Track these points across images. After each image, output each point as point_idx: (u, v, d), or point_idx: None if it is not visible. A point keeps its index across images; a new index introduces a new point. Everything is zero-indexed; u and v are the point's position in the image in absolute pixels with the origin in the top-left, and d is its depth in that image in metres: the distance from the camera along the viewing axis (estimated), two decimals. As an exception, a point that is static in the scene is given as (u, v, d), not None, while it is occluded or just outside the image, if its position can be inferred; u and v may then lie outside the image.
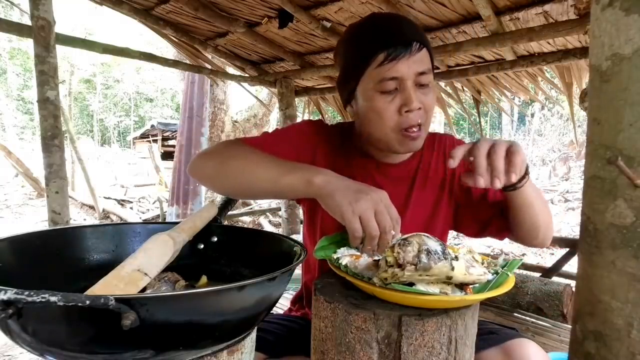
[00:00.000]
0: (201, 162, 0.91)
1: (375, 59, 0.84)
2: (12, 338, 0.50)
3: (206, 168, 0.90)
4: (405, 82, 0.84)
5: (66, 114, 9.64)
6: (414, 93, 0.85)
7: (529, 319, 1.91)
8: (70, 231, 0.80)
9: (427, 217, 1.00)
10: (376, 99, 0.86)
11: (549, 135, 16.21)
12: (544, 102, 8.83)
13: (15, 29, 1.90)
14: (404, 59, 0.83)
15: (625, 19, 0.44)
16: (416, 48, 0.84)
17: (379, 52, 0.84)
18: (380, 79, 0.84)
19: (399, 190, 0.98)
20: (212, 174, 0.89)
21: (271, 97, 6.61)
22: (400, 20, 0.88)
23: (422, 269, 0.57)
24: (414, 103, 0.84)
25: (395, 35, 0.84)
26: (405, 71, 0.84)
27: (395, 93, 0.85)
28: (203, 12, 2.22)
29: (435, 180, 1.01)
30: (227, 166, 0.86)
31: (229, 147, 0.91)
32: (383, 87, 0.85)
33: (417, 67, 0.84)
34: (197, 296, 0.52)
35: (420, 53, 0.85)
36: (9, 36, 13.87)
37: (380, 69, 0.84)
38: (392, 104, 0.85)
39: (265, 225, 6.60)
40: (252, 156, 0.86)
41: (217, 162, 0.88)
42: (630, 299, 0.46)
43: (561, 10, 1.71)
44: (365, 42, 0.87)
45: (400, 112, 0.86)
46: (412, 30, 0.86)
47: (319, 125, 1.03)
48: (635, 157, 0.44)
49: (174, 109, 26.42)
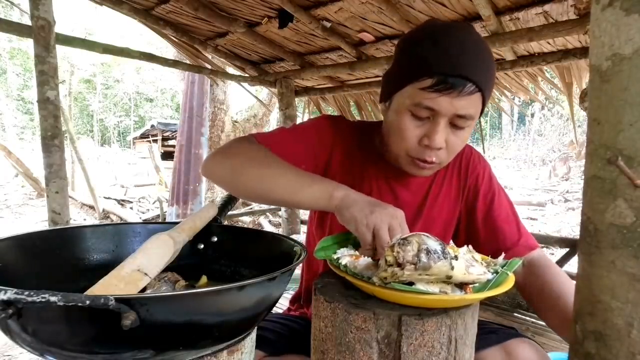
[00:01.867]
0: (216, 164, 0.87)
1: (420, 81, 0.76)
2: (12, 338, 0.50)
3: (222, 171, 0.86)
4: (438, 117, 0.78)
5: (66, 114, 9.64)
6: (442, 131, 0.79)
7: (529, 319, 1.91)
8: (70, 231, 0.80)
9: (440, 229, 0.99)
10: (405, 117, 0.81)
11: (549, 135, 16.22)
12: (544, 102, 8.83)
13: (15, 29, 1.90)
14: (449, 96, 0.75)
15: (625, 19, 0.44)
16: (469, 90, 0.75)
17: (426, 76, 0.75)
18: (417, 102, 0.78)
19: (413, 199, 0.97)
20: (229, 178, 0.85)
21: (271, 97, 6.61)
22: (468, 48, 0.76)
23: (422, 268, 0.56)
24: (437, 142, 0.79)
25: (452, 66, 0.74)
26: (445, 108, 0.76)
27: (425, 121, 0.80)
28: (203, 12, 2.22)
29: (449, 192, 0.99)
30: (245, 172, 0.82)
31: (245, 149, 0.86)
32: (416, 111, 0.79)
33: (460, 109, 0.76)
34: (197, 296, 0.52)
35: (471, 96, 0.76)
36: (9, 36, 13.87)
37: (420, 93, 0.77)
38: (417, 129, 0.81)
39: (265, 225, 6.59)
40: (271, 163, 0.82)
41: (234, 165, 0.84)
42: (630, 299, 0.46)
43: (561, 10, 1.70)
44: (420, 56, 0.78)
45: (420, 142, 0.81)
46: (475, 67, 0.75)
47: (338, 121, 0.99)
48: (635, 157, 0.44)
49: (174, 109, 26.43)
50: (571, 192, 9.72)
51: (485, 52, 0.79)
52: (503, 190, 1.01)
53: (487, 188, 0.99)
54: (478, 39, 0.79)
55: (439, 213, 0.99)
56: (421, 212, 0.97)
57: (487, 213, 0.97)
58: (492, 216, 0.96)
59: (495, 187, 1.00)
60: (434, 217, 0.98)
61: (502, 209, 0.97)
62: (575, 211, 8.19)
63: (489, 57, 0.79)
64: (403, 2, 1.87)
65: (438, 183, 0.99)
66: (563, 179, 11.65)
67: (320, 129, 0.96)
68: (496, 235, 0.94)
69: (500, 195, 0.99)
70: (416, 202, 0.98)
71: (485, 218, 0.97)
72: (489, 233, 0.95)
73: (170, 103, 27.44)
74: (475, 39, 0.79)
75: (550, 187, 10.88)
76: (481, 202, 0.98)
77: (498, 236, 0.94)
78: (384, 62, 2.34)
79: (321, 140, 0.95)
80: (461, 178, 1.00)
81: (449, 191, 0.99)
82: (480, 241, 0.96)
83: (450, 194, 0.99)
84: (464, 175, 1.00)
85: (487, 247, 0.94)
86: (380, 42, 2.31)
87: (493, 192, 0.99)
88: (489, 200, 0.98)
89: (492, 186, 1.00)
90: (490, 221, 0.96)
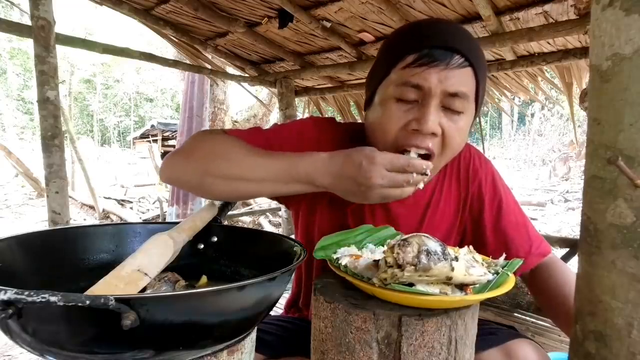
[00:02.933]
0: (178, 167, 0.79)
1: (403, 59, 0.71)
2: (12, 338, 0.50)
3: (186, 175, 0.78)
4: (428, 98, 0.70)
5: (66, 114, 9.64)
6: (433, 113, 0.70)
7: (529, 319, 1.91)
8: (70, 231, 0.80)
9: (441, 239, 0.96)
10: (390, 105, 0.73)
11: (549, 135, 16.22)
12: (544, 102, 8.82)
13: (15, 29, 1.90)
14: (436, 68, 0.69)
15: (625, 19, 0.44)
16: (458, 62, 0.69)
17: (410, 53, 0.70)
18: (402, 82, 0.71)
19: (412, 213, 0.91)
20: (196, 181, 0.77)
21: (271, 97, 6.61)
22: (449, 26, 0.73)
23: (422, 269, 0.56)
24: (428, 124, 0.70)
25: (434, 37, 0.70)
26: (434, 83, 0.69)
27: (413, 105, 0.72)
28: (203, 12, 2.22)
29: (449, 202, 0.93)
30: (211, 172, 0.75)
31: (206, 144, 0.78)
32: (402, 94, 0.71)
33: (451, 84, 0.69)
34: (197, 296, 0.52)
35: (461, 70, 0.70)
36: (9, 36, 13.86)
37: (405, 72, 0.71)
38: (403, 115, 0.72)
39: (265, 225, 6.60)
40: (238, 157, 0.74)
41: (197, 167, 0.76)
42: (631, 299, 0.46)
43: (561, 10, 1.70)
44: (399, 40, 0.74)
45: (406, 128, 0.72)
46: (459, 40, 0.70)
47: (326, 125, 0.91)
48: (635, 157, 0.44)
49: (174, 109, 26.44)
50: (571, 192, 9.72)
51: (471, 36, 0.76)
52: (509, 191, 0.96)
53: (492, 195, 0.93)
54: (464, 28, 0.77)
55: (438, 225, 0.93)
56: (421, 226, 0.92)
57: (496, 223, 0.91)
58: (501, 226, 0.90)
59: (500, 191, 0.94)
60: (434, 230, 0.92)
61: (510, 215, 0.91)
62: (575, 211, 8.19)
63: (476, 41, 0.76)
64: (403, 2, 1.87)
65: (436, 195, 0.92)
66: (563, 179, 11.66)
67: (303, 130, 0.89)
68: (507, 245, 0.89)
69: (507, 200, 0.93)
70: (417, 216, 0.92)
71: (494, 228, 0.91)
72: (500, 244, 0.90)
73: (170, 103, 27.46)
74: (460, 26, 0.76)
75: (550, 187, 10.89)
76: (488, 211, 0.92)
77: (509, 246, 0.89)
78: (384, 62, 2.34)
79: (302, 142, 0.86)
80: (461, 184, 0.93)
81: (448, 200, 0.93)
82: (490, 251, 0.90)
83: (450, 204, 0.93)
84: (464, 182, 0.93)
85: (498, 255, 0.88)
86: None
87: (499, 199, 0.93)
88: (496, 209, 0.92)
89: (498, 191, 0.93)
90: (499, 232, 0.90)
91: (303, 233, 0.98)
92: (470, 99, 0.74)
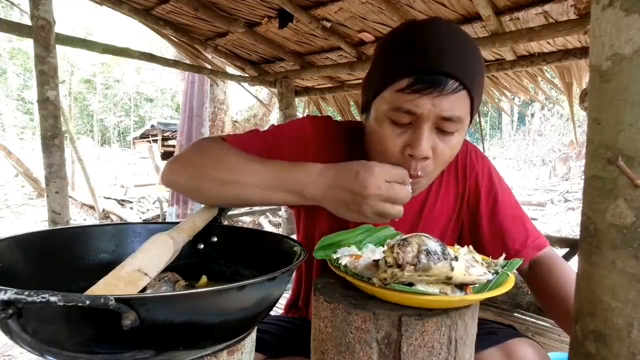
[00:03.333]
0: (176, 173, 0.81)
1: (396, 83, 0.69)
2: (12, 338, 0.50)
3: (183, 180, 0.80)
4: (421, 122, 0.70)
5: (66, 114, 9.64)
6: (426, 138, 0.70)
7: (529, 319, 1.91)
8: (70, 231, 0.80)
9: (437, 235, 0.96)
10: (384, 126, 0.73)
11: (549, 135, 16.23)
12: (544, 102, 8.82)
13: (15, 29, 1.90)
14: (429, 96, 0.67)
15: (625, 18, 0.44)
16: (452, 88, 0.67)
17: (402, 76, 0.68)
18: (395, 107, 0.70)
19: (411, 208, 0.90)
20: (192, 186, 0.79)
21: (271, 97, 6.61)
22: (447, 43, 0.68)
23: (422, 269, 0.56)
24: (421, 150, 0.70)
25: (429, 62, 0.67)
26: (427, 110, 0.68)
27: (407, 128, 0.72)
28: (203, 12, 2.22)
29: (447, 196, 0.94)
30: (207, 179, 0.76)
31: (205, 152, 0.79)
32: (395, 117, 0.71)
33: (444, 110, 0.68)
34: (197, 296, 0.52)
35: (455, 95, 0.68)
36: (9, 36, 13.86)
37: (398, 96, 0.70)
38: (398, 138, 0.73)
39: (265, 225, 6.60)
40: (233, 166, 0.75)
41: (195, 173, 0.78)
42: (631, 299, 0.46)
43: (561, 10, 1.71)
44: (394, 55, 0.72)
45: (402, 152, 0.73)
46: (456, 62, 0.68)
47: (321, 123, 0.91)
48: (635, 157, 0.44)
49: (174, 109, 26.45)
50: (571, 192, 9.73)
51: (468, 46, 0.72)
52: (506, 186, 0.97)
53: (489, 188, 0.94)
54: (460, 33, 0.73)
55: (436, 220, 0.94)
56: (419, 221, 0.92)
57: (492, 215, 0.92)
58: (497, 218, 0.92)
59: (496, 185, 0.95)
60: (432, 226, 0.93)
61: (507, 208, 0.92)
62: (575, 211, 8.20)
63: (472, 52, 0.72)
64: (403, 2, 1.87)
65: (434, 191, 0.93)
66: (563, 179, 11.66)
67: (300, 130, 0.89)
68: (503, 238, 0.90)
69: (503, 193, 0.94)
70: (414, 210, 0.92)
71: (490, 221, 0.92)
72: (495, 236, 0.91)
73: (170, 103, 27.47)
74: (456, 34, 0.72)
75: (550, 187, 10.89)
76: (484, 204, 0.93)
77: (505, 238, 0.90)
78: (384, 62, 2.34)
79: (298, 142, 0.87)
80: (459, 180, 0.95)
81: (446, 195, 0.94)
82: (486, 243, 0.92)
83: (449, 198, 0.94)
84: (462, 177, 0.95)
85: (494, 248, 0.90)
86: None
87: (495, 192, 0.94)
88: (492, 201, 0.93)
89: (494, 185, 0.94)
90: (495, 224, 0.92)
91: (304, 233, 0.98)
92: (464, 120, 0.73)
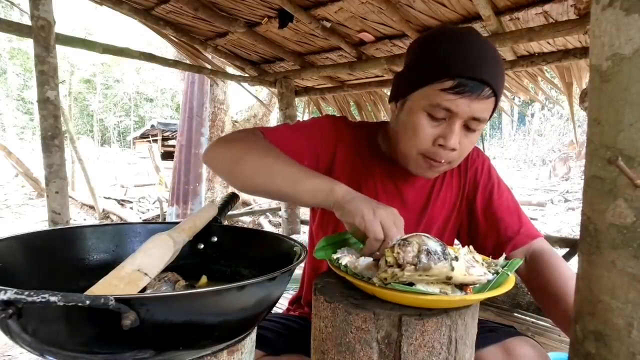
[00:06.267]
0: (217, 153, 0.87)
1: (440, 82, 0.78)
2: (12, 338, 0.50)
3: (223, 160, 0.86)
4: (455, 119, 0.80)
5: (66, 114, 9.64)
6: (457, 133, 0.81)
7: (529, 319, 1.91)
8: (70, 231, 0.80)
9: (440, 226, 1.00)
10: (421, 117, 0.82)
11: (549, 135, 16.22)
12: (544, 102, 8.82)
13: (15, 29, 1.90)
14: (468, 98, 0.78)
15: (625, 18, 0.44)
16: (486, 94, 0.78)
17: (447, 78, 0.78)
18: (435, 103, 0.79)
19: (418, 199, 0.99)
20: (228, 167, 0.85)
21: (271, 97, 6.61)
22: (487, 56, 0.80)
23: (422, 269, 0.56)
24: (452, 142, 0.81)
25: (474, 69, 0.77)
26: (463, 110, 0.79)
27: (441, 122, 0.82)
28: (203, 12, 2.22)
29: (450, 189, 1.01)
30: (245, 161, 0.82)
31: (247, 139, 0.86)
32: (433, 112, 0.81)
33: (476, 111, 0.79)
34: (197, 296, 0.52)
35: (487, 100, 0.79)
36: (9, 36, 13.87)
37: (439, 94, 0.79)
38: (432, 129, 0.82)
39: (265, 225, 6.59)
40: (272, 155, 0.82)
41: (234, 154, 0.84)
42: (631, 299, 0.46)
43: (561, 10, 1.71)
44: (440, 57, 0.80)
45: (434, 142, 0.83)
46: (493, 73, 0.79)
47: (340, 121, 1.00)
48: (635, 157, 0.44)
49: (174, 109, 26.45)
50: (571, 192, 9.72)
51: (500, 59, 0.83)
52: (503, 182, 1.03)
53: (487, 180, 1.01)
54: (490, 44, 0.83)
55: (440, 211, 1.00)
56: (425, 211, 0.99)
57: (487, 204, 0.98)
58: (492, 207, 0.97)
59: (494, 179, 1.01)
60: (436, 215, 0.99)
61: (502, 199, 0.98)
62: (575, 211, 8.20)
63: (501, 62, 0.83)
64: (403, 2, 1.87)
65: (439, 181, 1.00)
66: (563, 179, 11.66)
67: (323, 128, 0.96)
68: (497, 226, 0.95)
69: (500, 186, 1.00)
70: (421, 201, 0.99)
71: (485, 209, 0.98)
72: (490, 224, 0.96)
73: (170, 103, 27.47)
74: (492, 47, 0.82)
75: (550, 187, 10.89)
76: (480, 194, 0.99)
77: (499, 226, 0.94)
78: (383, 62, 2.34)
79: (324, 139, 0.95)
80: (461, 174, 1.02)
81: (450, 189, 1.01)
82: (481, 232, 0.97)
83: (452, 191, 1.01)
84: (463, 171, 1.02)
85: (489, 237, 0.95)
86: (380, 42, 2.31)
87: (492, 184, 1.00)
88: (489, 192, 0.99)
89: (492, 178, 1.01)
90: (490, 212, 0.97)
91: (319, 227, 1.03)
92: (486, 120, 0.84)
